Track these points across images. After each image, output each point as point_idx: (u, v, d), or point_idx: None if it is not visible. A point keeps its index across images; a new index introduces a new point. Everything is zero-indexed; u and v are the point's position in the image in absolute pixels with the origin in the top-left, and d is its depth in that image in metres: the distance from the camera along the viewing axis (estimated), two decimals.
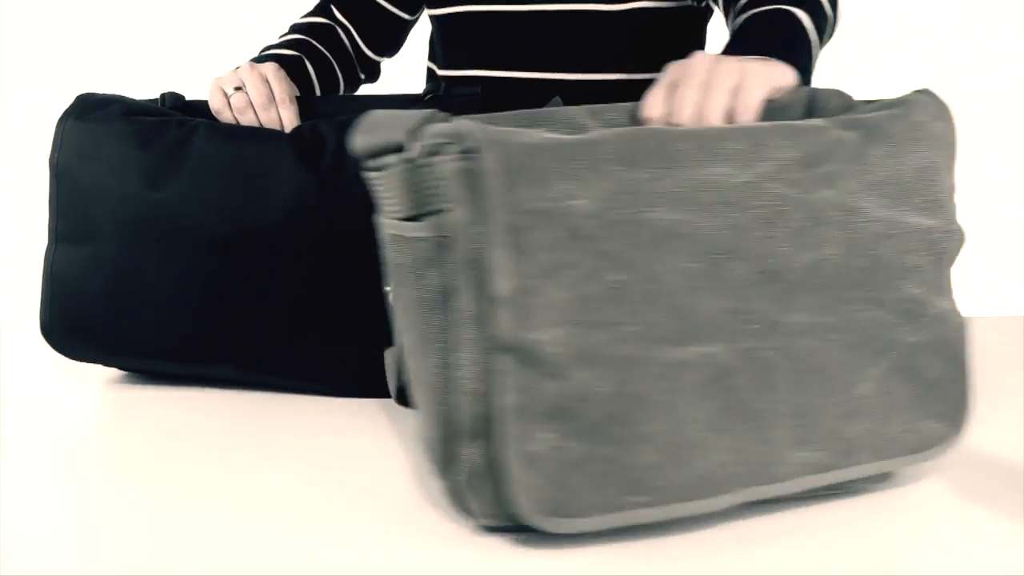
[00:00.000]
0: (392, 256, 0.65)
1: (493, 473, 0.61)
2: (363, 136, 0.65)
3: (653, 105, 0.75)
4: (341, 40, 1.21)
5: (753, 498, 0.65)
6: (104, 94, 0.98)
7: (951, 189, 0.72)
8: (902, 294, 0.68)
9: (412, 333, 0.65)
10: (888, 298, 0.68)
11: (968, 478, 0.74)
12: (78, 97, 0.98)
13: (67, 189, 0.95)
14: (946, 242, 0.70)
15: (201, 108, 1.01)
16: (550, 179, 0.60)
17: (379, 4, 1.23)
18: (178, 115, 0.96)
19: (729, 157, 0.64)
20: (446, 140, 0.61)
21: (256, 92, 0.98)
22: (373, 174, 0.65)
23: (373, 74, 1.28)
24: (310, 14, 1.23)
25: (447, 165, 0.61)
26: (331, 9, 1.22)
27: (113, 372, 1.02)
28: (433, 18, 1.23)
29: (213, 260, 0.91)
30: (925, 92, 0.72)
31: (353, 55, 1.22)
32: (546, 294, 0.60)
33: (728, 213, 0.63)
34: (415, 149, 0.62)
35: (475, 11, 1.17)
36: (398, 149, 0.62)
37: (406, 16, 1.25)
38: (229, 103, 0.98)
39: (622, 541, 0.64)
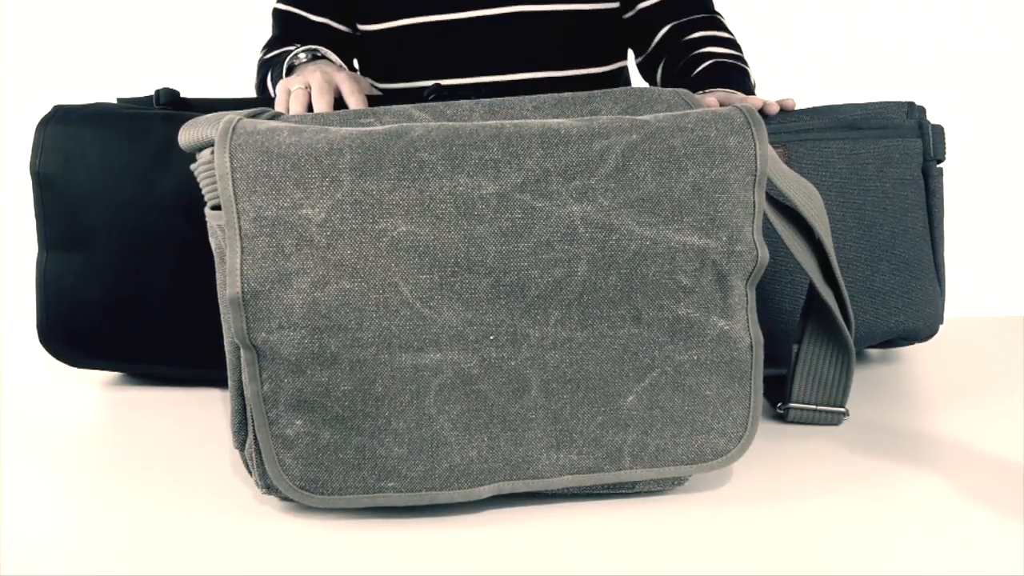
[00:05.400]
0: (210, 240, 0.70)
1: (257, 450, 0.67)
2: (185, 132, 0.71)
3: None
4: None
5: (511, 491, 0.68)
6: (81, 104, 0.98)
7: (747, 206, 0.68)
8: (669, 313, 0.68)
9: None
10: (652, 317, 0.68)
11: (968, 478, 0.73)
12: (55, 107, 0.97)
13: (52, 196, 0.95)
14: (729, 262, 0.68)
15: (196, 105, 1.00)
16: (284, 187, 0.64)
17: (331, 26, 1.23)
18: (161, 111, 0.95)
19: (478, 168, 0.65)
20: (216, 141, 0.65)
21: (317, 86, 0.95)
22: (192, 166, 0.70)
23: None
24: (270, 51, 1.20)
25: (223, 164, 0.65)
26: (291, 42, 1.20)
27: (111, 374, 1.02)
28: (369, 33, 1.23)
29: (210, 261, 0.91)
30: (733, 107, 0.70)
31: None
32: (279, 298, 0.64)
33: (468, 226, 0.65)
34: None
35: (416, 23, 1.20)
36: (211, 145, 0.67)
37: (355, 33, 1.26)
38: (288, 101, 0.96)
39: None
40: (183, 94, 1.03)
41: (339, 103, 0.96)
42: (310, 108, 0.94)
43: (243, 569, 0.61)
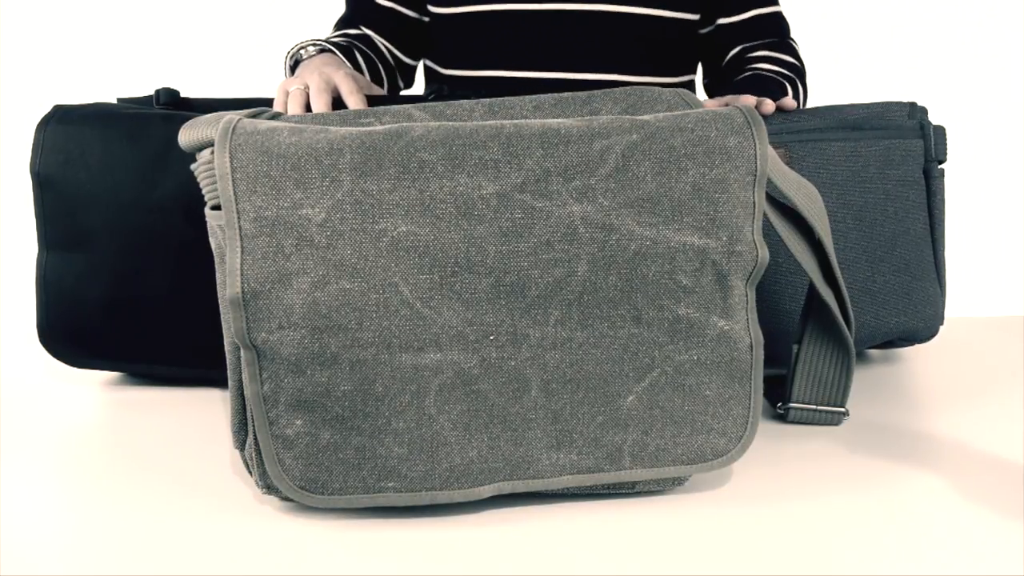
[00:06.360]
0: (210, 240, 0.70)
1: (257, 450, 0.67)
2: (185, 132, 0.70)
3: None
4: (380, 48, 1.23)
5: (511, 491, 0.68)
6: (81, 104, 0.97)
7: (747, 206, 0.68)
8: (669, 313, 0.68)
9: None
10: (652, 317, 0.67)
11: (968, 478, 0.73)
12: (55, 106, 0.97)
13: (52, 196, 0.94)
14: (729, 262, 0.68)
15: (196, 105, 1.00)
16: (284, 187, 0.64)
17: (397, 11, 1.24)
18: (161, 111, 0.95)
19: (478, 168, 0.65)
20: (215, 141, 0.65)
21: (315, 86, 0.95)
22: (192, 166, 0.70)
23: (410, 79, 1.30)
24: (339, 30, 1.24)
25: (223, 164, 0.65)
26: (357, 26, 1.24)
27: (111, 374, 1.02)
28: (440, 17, 1.23)
29: (210, 261, 0.91)
30: (733, 107, 0.70)
31: (392, 62, 1.24)
32: (279, 298, 0.64)
33: (468, 226, 0.65)
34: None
35: (490, 10, 1.19)
36: (211, 145, 0.67)
37: (423, 18, 1.27)
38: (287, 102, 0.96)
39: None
40: (183, 94, 1.02)
41: (339, 103, 0.96)
42: (308, 108, 0.94)
43: (243, 569, 0.61)
